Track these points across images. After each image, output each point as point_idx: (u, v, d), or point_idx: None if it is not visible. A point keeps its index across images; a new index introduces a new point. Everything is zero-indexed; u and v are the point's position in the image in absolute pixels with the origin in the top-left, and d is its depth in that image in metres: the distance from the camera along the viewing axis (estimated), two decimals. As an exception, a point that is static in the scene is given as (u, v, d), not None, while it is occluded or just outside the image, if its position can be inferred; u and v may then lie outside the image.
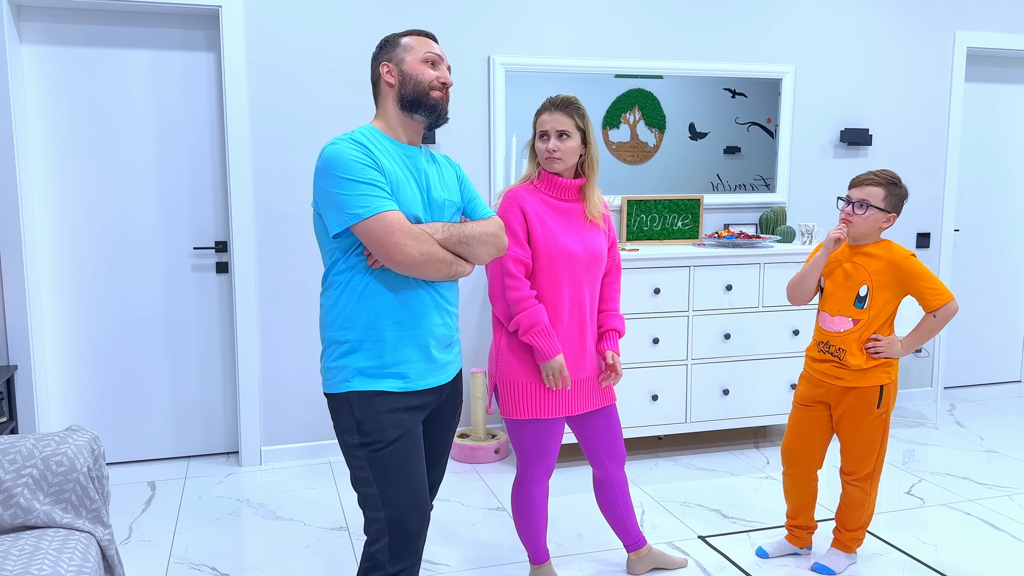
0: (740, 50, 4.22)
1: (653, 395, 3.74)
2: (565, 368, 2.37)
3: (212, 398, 3.88)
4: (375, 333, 1.89)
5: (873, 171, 2.60)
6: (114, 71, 3.60)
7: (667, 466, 3.76)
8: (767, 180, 4.25)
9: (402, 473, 1.88)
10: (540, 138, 2.39)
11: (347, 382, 1.89)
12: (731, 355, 3.85)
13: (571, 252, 2.38)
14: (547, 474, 2.49)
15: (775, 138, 4.27)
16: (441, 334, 1.97)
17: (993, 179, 5.01)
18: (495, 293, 2.40)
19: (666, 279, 3.71)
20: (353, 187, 1.81)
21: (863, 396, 2.60)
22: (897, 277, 2.55)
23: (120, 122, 3.63)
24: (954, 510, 3.26)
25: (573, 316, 2.42)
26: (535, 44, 3.94)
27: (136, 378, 3.77)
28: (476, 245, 1.96)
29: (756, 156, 4.23)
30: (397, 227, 1.80)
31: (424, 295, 1.93)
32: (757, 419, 3.92)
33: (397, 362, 1.90)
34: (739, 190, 4.21)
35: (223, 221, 3.80)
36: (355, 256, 1.88)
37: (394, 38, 1.98)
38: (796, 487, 2.78)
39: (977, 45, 4.61)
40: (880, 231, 2.60)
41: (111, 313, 3.71)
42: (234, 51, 3.56)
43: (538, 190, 2.41)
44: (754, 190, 4.25)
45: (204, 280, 3.81)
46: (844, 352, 2.60)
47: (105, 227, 3.67)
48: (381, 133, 1.95)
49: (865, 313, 2.58)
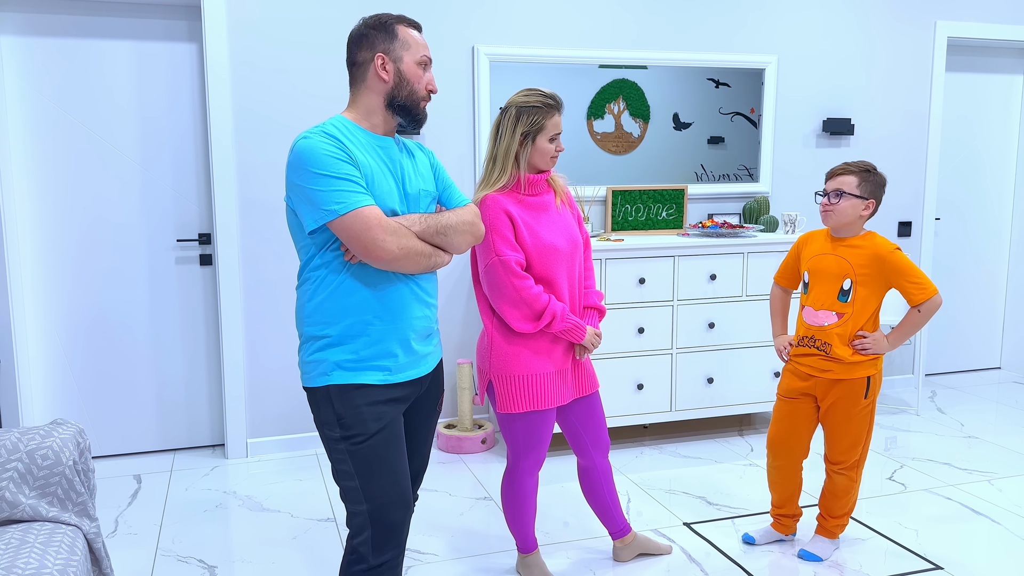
0: (723, 40, 4.24)
1: (638, 384, 3.76)
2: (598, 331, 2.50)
3: (197, 391, 3.86)
4: (355, 329, 1.88)
5: (846, 162, 2.62)
6: (95, 62, 3.57)
7: (652, 454, 3.79)
8: (750, 170, 4.27)
9: (384, 466, 1.88)
10: (551, 140, 2.38)
11: (326, 376, 1.89)
12: (715, 344, 3.88)
13: (556, 247, 2.39)
14: (539, 465, 2.50)
15: (758, 128, 4.29)
16: (421, 326, 1.97)
17: (973, 168, 5.06)
18: (493, 292, 2.37)
19: (651, 269, 3.73)
20: (327, 182, 1.78)
21: (851, 388, 2.62)
22: (880, 271, 2.57)
23: (102, 113, 3.60)
24: (935, 495, 3.30)
25: (565, 303, 2.44)
26: (519, 34, 3.93)
27: (121, 371, 3.75)
28: (454, 235, 1.95)
29: (740, 146, 4.25)
30: (375, 222, 1.78)
31: (403, 288, 1.92)
32: (741, 407, 3.95)
33: (377, 355, 1.90)
34: (723, 180, 4.23)
35: (207, 213, 3.78)
36: (331, 252, 1.87)
37: (389, 24, 1.91)
38: (782, 478, 2.81)
39: (957, 35, 4.64)
40: (862, 220, 2.62)
41: (94, 306, 3.68)
42: (217, 42, 3.54)
43: (513, 192, 2.41)
44: (738, 180, 4.26)
45: (188, 272, 3.79)
46: (829, 346, 2.62)
47: (87, 220, 3.64)
48: (354, 124, 1.91)
49: (849, 307, 2.60)
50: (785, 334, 2.84)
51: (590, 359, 2.52)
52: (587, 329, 2.44)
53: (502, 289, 2.35)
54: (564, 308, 2.39)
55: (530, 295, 2.34)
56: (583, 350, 2.48)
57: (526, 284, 2.34)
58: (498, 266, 2.34)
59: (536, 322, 2.37)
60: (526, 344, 2.40)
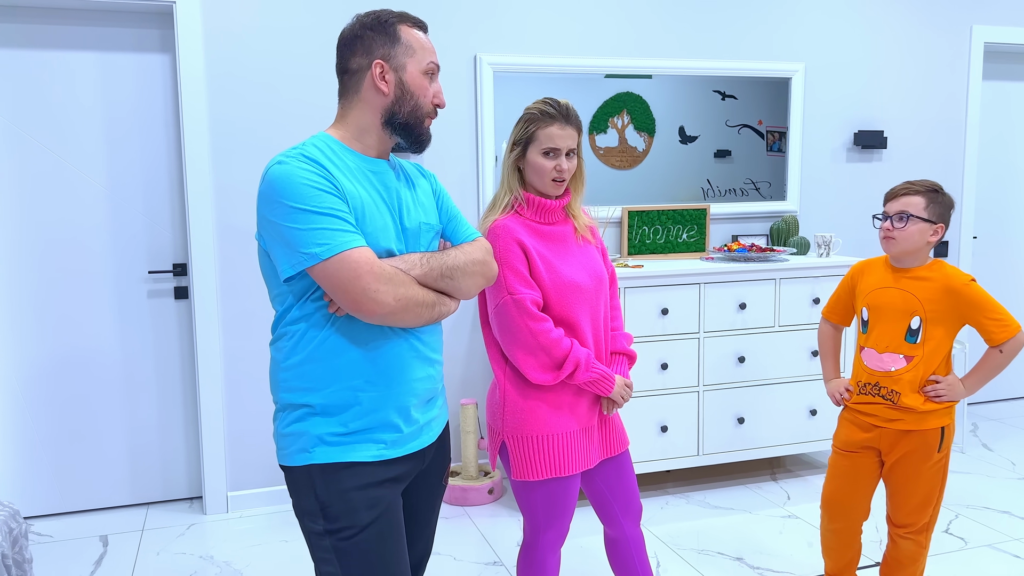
0: (747, 47, 3.90)
1: (662, 426, 3.39)
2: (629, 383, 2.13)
3: (172, 438, 3.48)
4: (342, 397, 1.52)
5: (908, 181, 2.30)
6: (57, 75, 3.22)
7: (679, 504, 3.41)
8: (757, 184, 3.94)
9: (379, 564, 1.51)
10: (545, 154, 2.03)
11: (307, 453, 1.52)
12: (746, 380, 3.51)
13: (577, 284, 2.03)
14: (561, 539, 2.12)
15: (764, 139, 3.95)
16: (423, 389, 1.61)
17: (1010, 183, 4.72)
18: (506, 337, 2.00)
19: (674, 298, 3.37)
20: (307, 219, 1.43)
21: (922, 440, 2.26)
22: (954, 305, 2.22)
23: (64, 132, 3.25)
24: (1001, 552, 2.93)
25: (590, 349, 2.08)
26: (524, 42, 3.59)
27: (86, 418, 3.37)
28: (462, 278, 1.59)
29: (747, 160, 3.93)
30: (366, 269, 1.43)
31: (401, 345, 1.56)
32: (775, 448, 3.58)
33: (371, 427, 1.54)
34: (729, 195, 3.90)
35: (181, 241, 3.42)
36: (312, 302, 1.51)
37: (390, 24, 1.56)
38: (840, 543, 2.43)
39: (995, 40, 4.31)
40: (928, 247, 2.28)
41: (56, 345, 3.31)
42: (191, 52, 3.19)
43: (521, 216, 2.05)
44: (744, 195, 3.93)
45: (161, 307, 3.42)
46: (898, 395, 2.26)
47: (49, 249, 3.27)
48: (340, 144, 1.56)
49: (919, 349, 2.24)
50: (839, 377, 2.48)
51: (619, 412, 2.15)
52: (616, 379, 2.08)
53: (516, 333, 1.98)
54: (589, 355, 2.02)
55: (549, 340, 1.98)
56: (611, 404, 2.11)
57: (544, 327, 1.98)
58: (511, 306, 1.97)
59: (556, 372, 2.00)
60: (545, 398, 2.03)
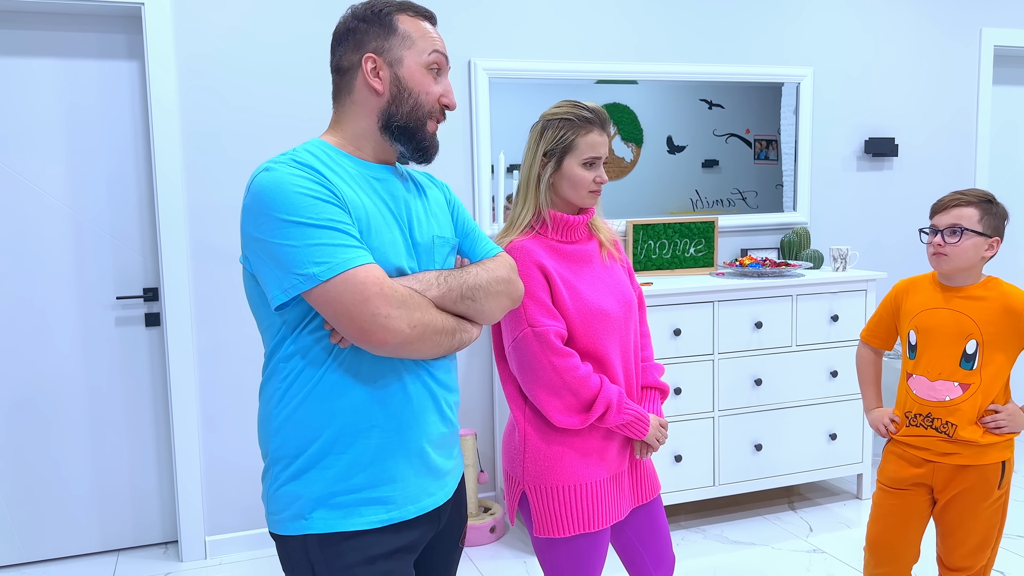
0: (753, 53, 3.70)
1: (676, 455, 3.16)
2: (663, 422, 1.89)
3: (144, 479, 3.20)
4: (343, 445, 1.28)
5: (957, 191, 2.10)
6: (13, 84, 2.94)
7: (695, 540, 3.17)
8: (743, 194, 3.76)
9: None
10: (585, 165, 1.79)
11: (302, 520, 1.28)
12: (763, 404, 3.29)
13: (605, 311, 1.79)
14: (586, 604, 1.88)
15: (751, 147, 3.77)
16: (439, 434, 1.37)
17: (1020, 190, 4.55)
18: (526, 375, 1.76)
19: (687, 317, 3.15)
20: (302, 233, 1.20)
21: (981, 476, 2.04)
22: (1015, 327, 2.01)
23: (23, 145, 2.97)
24: (1047, 588, 2.72)
25: (620, 385, 1.84)
26: (521, 46, 3.36)
27: (49, 458, 3.07)
28: (485, 299, 1.36)
29: (734, 170, 3.75)
30: (375, 290, 1.20)
31: (414, 383, 1.33)
32: (794, 476, 3.36)
33: (375, 482, 1.29)
34: (717, 206, 3.73)
35: (152, 264, 3.15)
36: (309, 334, 1.27)
37: (385, 14, 1.34)
38: (891, 591, 2.21)
39: (1005, 43, 4.15)
40: (982, 263, 2.07)
41: (15, 379, 3.02)
42: (161, 58, 2.93)
43: (541, 235, 1.82)
44: (731, 205, 3.74)
45: (131, 336, 3.14)
46: (954, 427, 2.04)
47: (5, 275, 2.99)
48: (336, 149, 1.33)
49: (976, 375, 2.03)
50: (881, 406, 2.26)
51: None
52: (650, 420, 1.84)
53: (538, 371, 1.74)
54: (621, 394, 1.78)
55: (576, 378, 1.73)
56: (645, 448, 1.87)
57: (570, 363, 1.73)
58: (532, 340, 1.73)
59: (585, 415, 1.76)
60: (571, 444, 1.78)
